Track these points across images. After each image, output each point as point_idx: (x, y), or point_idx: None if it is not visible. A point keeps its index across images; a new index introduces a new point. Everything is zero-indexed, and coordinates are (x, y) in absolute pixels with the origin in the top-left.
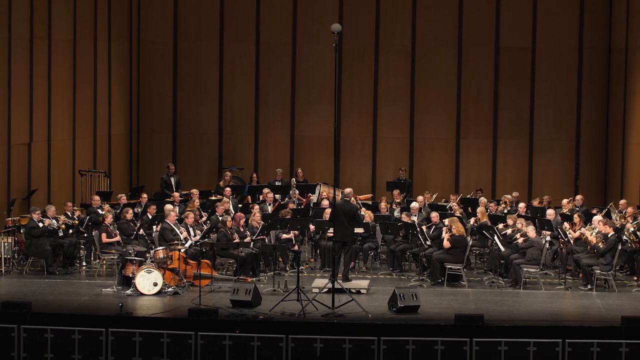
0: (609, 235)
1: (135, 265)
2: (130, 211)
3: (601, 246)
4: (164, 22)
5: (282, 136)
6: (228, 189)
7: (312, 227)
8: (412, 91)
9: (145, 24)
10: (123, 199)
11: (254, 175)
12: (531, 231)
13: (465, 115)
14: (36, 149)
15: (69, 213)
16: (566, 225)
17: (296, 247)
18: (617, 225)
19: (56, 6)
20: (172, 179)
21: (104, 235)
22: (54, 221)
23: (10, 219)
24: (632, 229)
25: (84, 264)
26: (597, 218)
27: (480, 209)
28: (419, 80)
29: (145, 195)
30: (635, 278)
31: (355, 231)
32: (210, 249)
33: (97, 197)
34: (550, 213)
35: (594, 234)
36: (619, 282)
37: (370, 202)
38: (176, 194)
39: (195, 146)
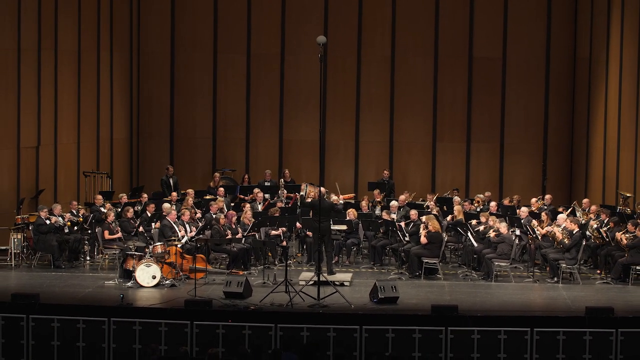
0: (574, 232)
1: (135, 259)
2: (131, 210)
3: (567, 242)
4: (162, 34)
5: (271, 140)
6: (221, 189)
7: (298, 224)
8: (392, 98)
9: (145, 36)
10: (124, 198)
11: (246, 176)
12: (503, 228)
13: (441, 121)
14: (43, 152)
15: (74, 211)
16: (534, 222)
17: (284, 243)
18: (582, 222)
19: (62, 20)
20: (171, 180)
21: (106, 232)
22: (60, 219)
23: (19, 216)
24: (595, 225)
25: (88, 258)
26: (563, 216)
27: (457, 207)
28: (398, 88)
29: (144, 195)
30: (598, 271)
31: (333, 228)
32: (205, 245)
33: (100, 197)
34: (524, 210)
35: (560, 230)
36: (583, 275)
37: (353, 201)
38: (174, 194)
39: (191, 149)
